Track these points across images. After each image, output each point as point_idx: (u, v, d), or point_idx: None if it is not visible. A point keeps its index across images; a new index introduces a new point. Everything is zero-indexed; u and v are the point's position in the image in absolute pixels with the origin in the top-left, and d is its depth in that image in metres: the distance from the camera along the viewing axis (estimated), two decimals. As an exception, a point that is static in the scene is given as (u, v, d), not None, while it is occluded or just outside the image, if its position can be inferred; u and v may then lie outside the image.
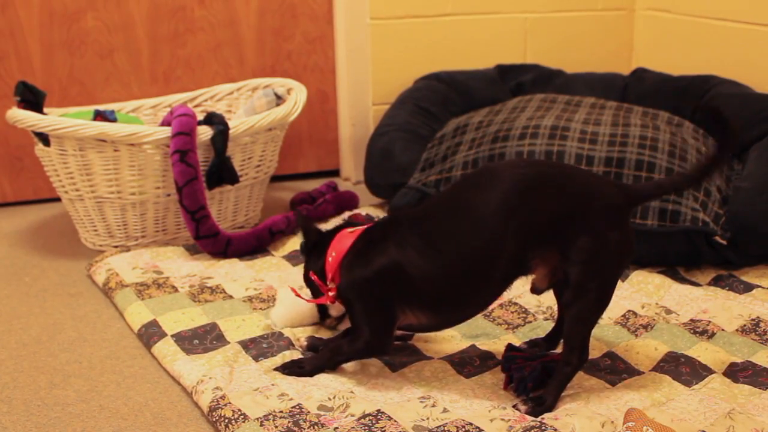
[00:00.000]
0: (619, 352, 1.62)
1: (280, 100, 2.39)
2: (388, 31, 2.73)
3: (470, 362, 1.59)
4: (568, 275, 1.39)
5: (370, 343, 1.50)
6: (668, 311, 1.78)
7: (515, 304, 1.82)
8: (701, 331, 1.69)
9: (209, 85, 2.65)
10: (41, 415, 1.49)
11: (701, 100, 2.43)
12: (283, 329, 1.72)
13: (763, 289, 1.87)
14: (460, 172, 2.21)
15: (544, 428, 1.32)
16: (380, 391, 1.48)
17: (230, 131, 2.16)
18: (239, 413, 1.39)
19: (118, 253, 2.12)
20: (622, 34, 3.02)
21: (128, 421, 1.47)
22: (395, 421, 1.38)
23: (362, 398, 1.45)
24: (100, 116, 2.26)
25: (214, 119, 2.18)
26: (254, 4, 2.69)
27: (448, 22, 2.79)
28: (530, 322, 1.75)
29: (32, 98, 2.16)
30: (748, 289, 1.88)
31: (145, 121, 2.45)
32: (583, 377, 1.52)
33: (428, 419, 1.39)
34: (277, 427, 1.36)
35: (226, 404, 1.42)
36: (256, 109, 2.37)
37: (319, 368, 1.54)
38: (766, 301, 1.80)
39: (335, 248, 1.54)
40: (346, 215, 2.37)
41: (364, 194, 2.54)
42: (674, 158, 2.08)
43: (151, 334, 1.72)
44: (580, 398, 1.44)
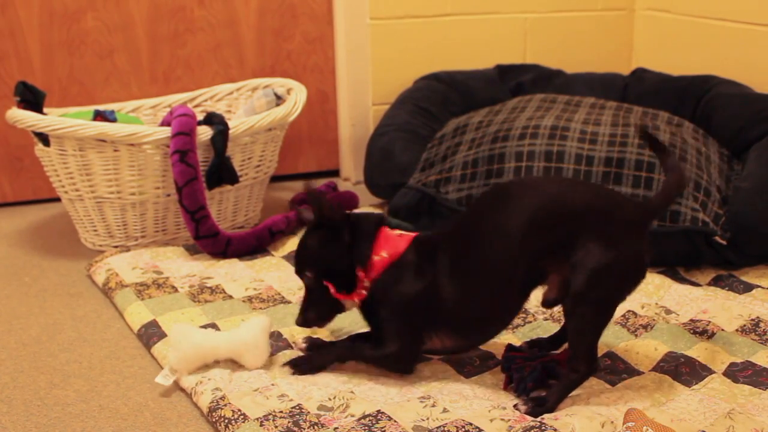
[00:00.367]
0: (619, 352, 1.62)
1: (279, 100, 2.39)
2: (387, 31, 2.73)
3: (470, 362, 1.59)
4: (571, 283, 1.39)
5: (398, 356, 1.51)
6: (668, 311, 1.78)
7: (515, 304, 1.82)
8: (701, 331, 1.69)
9: (209, 85, 2.65)
10: (41, 415, 1.49)
11: (700, 106, 2.43)
12: (186, 374, 1.54)
13: (762, 289, 1.87)
14: (459, 172, 2.21)
15: (543, 428, 1.32)
16: (380, 391, 1.48)
17: (230, 131, 2.16)
18: (239, 413, 1.39)
19: (117, 253, 2.12)
20: (621, 34, 3.02)
21: (128, 421, 1.47)
22: (395, 421, 1.38)
23: (362, 398, 1.45)
24: (99, 116, 2.26)
25: (213, 119, 2.18)
26: (254, 4, 2.69)
27: (448, 22, 2.79)
28: (530, 322, 1.75)
29: (32, 98, 2.16)
30: (747, 289, 1.88)
31: (145, 121, 2.45)
32: (583, 377, 1.52)
33: (428, 419, 1.39)
34: (277, 427, 1.36)
35: (226, 405, 1.42)
36: (255, 109, 2.37)
37: (330, 362, 1.55)
38: (765, 301, 1.80)
39: (386, 249, 1.49)
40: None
41: (364, 194, 2.54)
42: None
43: (150, 334, 1.72)
44: (580, 398, 1.44)
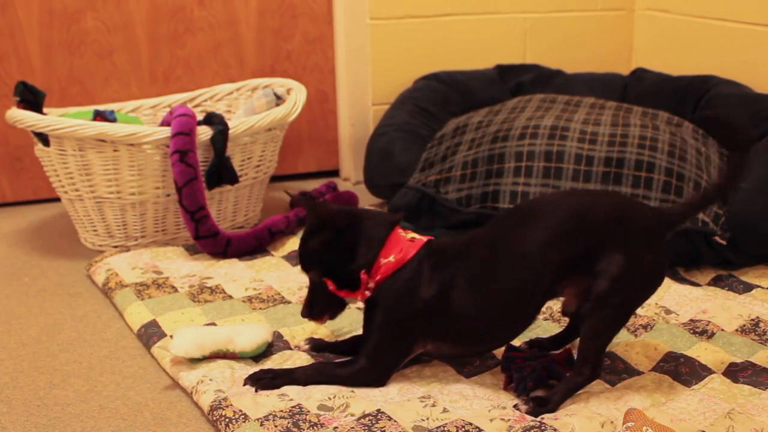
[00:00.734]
0: (618, 352, 1.62)
1: (279, 100, 2.39)
2: (387, 31, 2.73)
3: (470, 362, 1.59)
4: (592, 287, 1.39)
5: (368, 374, 1.49)
6: (668, 311, 1.78)
7: (515, 304, 1.82)
8: (701, 331, 1.69)
9: (209, 85, 2.65)
10: (41, 415, 1.49)
11: (699, 106, 2.43)
12: (201, 354, 1.57)
13: (762, 289, 1.87)
14: (459, 172, 2.21)
15: (543, 428, 1.32)
16: (380, 390, 1.48)
17: (230, 131, 2.16)
18: (240, 413, 1.39)
19: (117, 253, 2.12)
20: (621, 34, 3.03)
21: (128, 421, 1.46)
22: (395, 421, 1.38)
23: (362, 398, 1.45)
24: (99, 116, 2.26)
25: (213, 119, 2.18)
26: (254, 4, 2.69)
27: (447, 22, 2.79)
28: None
29: (32, 98, 2.16)
30: (747, 289, 1.87)
31: (144, 121, 2.45)
32: (582, 377, 1.52)
33: (428, 419, 1.39)
34: (276, 427, 1.36)
35: (227, 405, 1.42)
36: (255, 109, 2.37)
37: (294, 382, 1.48)
38: (765, 301, 1.80)
39: (394, 252, 1.46)
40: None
41: (363, 194, 2.54)
42: (674, 158, 2.08)
43: (150, 334, 1.72)
44: (579, 398, 1.44)
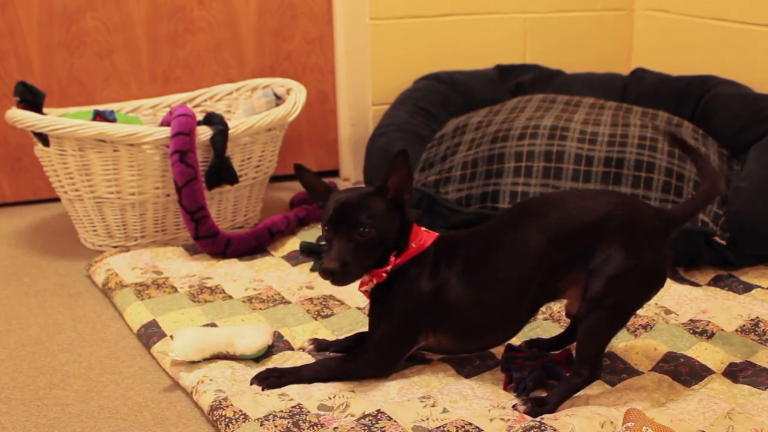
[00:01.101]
0: (618, 352, 1.62)
1: (279, 100, 2.39)
2: (387, 31, 2.73)
3: (470, 362, 1.59)
4: (587, 287, 1.39)
5: (375, 364, 1.51)
6: (668, 311, 1.78)
7: (515, 304, 1.82)
8: (701, 331, 1.69)
9: (209, 85, 2.65)
10: (40, 415, 1.49)
11: (699, 106, 2.43)
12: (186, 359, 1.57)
13: (762, 289, 1.87)
14: (459, 172, 2.21)
15: (543, 428, 1.32)
16: (380, 390, 1.48)
17: (230, 131, 2.16)
18: (240, 413, 1.39)
19: (117, 253, 2.12)
20: (621, 34, 3.02)
21: (128, 421, 1.46)
22: (395, 421, 1.38)
23: (362, 398, 1.45)
24: (99, 116, 2.26)
25: (213, 119, 2.18)
26: (254, 4, 2.69)
27: (447, 22, 2.79)
28: (530, 321, 1.75)
29: (31, 98, 2.16)
30: (747, 289, 1.87)
31: (144, 121, 2.45)
32: (582, 377, 1.52)
33: (428, 419, 1.39)
34: (276, 427, 1.36)
35: (228, 405, 1.41)
36: (255, 109, 2.37)
37: (301, 380, 1.50)
38: (765, 301, 1.79)
39: (415, 240, 1.49)
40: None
41: (363, 194, 2.54)
42: (674, 158, 2.08)
43: (150, 334, 1.72)
44: (579, 398, 1.44)
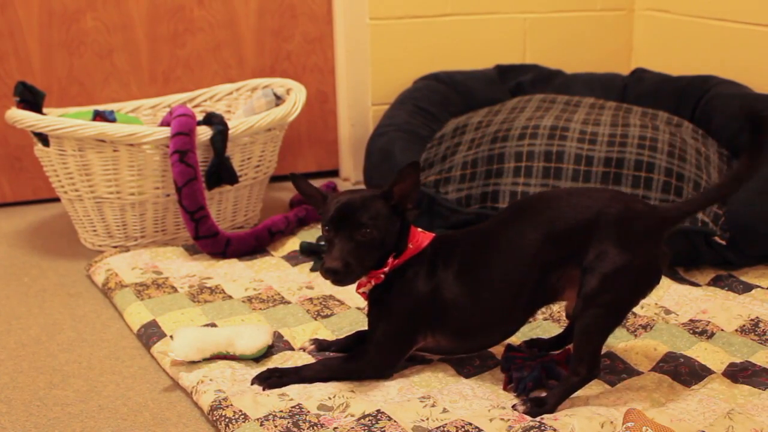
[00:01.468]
0: (618, 352, 1.62)
1: (279, 100, 2.39)
2: (387, 31, 2.73)
3: (470, 362, 1.59)
4: (582, 284, 1.39)
5: (376, 365, 1.51)
6: (667, 311, 1.78)
7: (515, 304, 1.82)
8: (700, 331, 1.69)
9: (208, 85, 2.65)
10: (40, 415, 1.49)
11: (698, 106, 2.43)
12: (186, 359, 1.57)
13: (762, 289, 1.87)
14: (459, 172, 2.21)
15: (543, 428, 1.32)
16: (380, 391, 1.48)
17: (229, 131, 2.16)
18: (240, 413, 1.39)
19: (117, 253, 2.12)
20: (621, 34, 3.02)
21: (127, 421, 1.46)
22: (395, 421, 1.38)
23: (362, 398, 1.45)
24: (99, 116, 2.26)
25: (213, 119, 2.18)
26: (253, 4, 2.69)
27: (447, 22, 2.79)
28: (530, 322, 1.75)
29: (31, 98, 2.16)
30: (747, 289, 1.87)
31: (144, 121, 2.45)
32: (582, 377, 1.52)
33: (428, 419, 1.39)
34: (276, 427, 1.36)
35: (228, 405, 1.42)
36: (255, 109, 2.37)
37: (302, 380, 1.50)
38: (765, 301, 1.79)
39: (413, 241, 1.49)
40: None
41: (363, 194, 2.54)
42: (673, 158, 2.08)
43: (150, 334, 1.72)
44: (579, 398, 1.44)
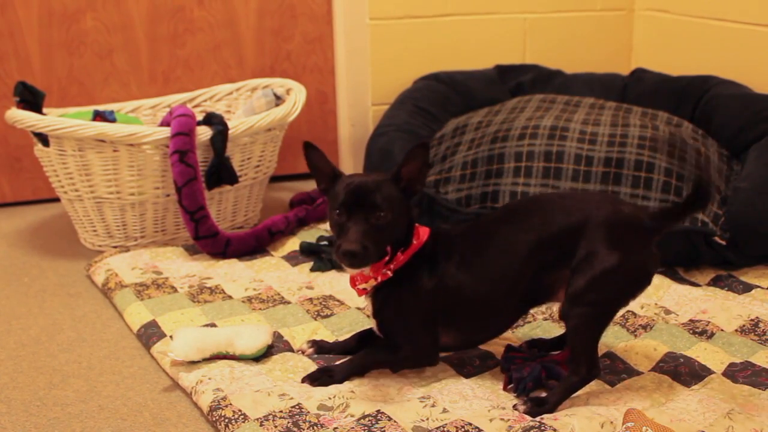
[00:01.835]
0: (618, 352, 1.62)
1: (279, 100, 2.39)
2: (387, 31, 2.73)
3: (470, 362, 1.59)
4: (569, 284, 1.39)
5: (416, 357, 1.53)
6: (667, 311, 1.78)
7: (515, 304, 1.82)
8: (700, 331, 1.69)
9: (208, 85, 2.65)
10: (40, 415, 1.49)
11: (699, 106, 2.43)
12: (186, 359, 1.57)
13: (762, 289, 1.87)
14: (459, 172, 2.21)
15: (543, 428, 1.32)
16: (380, 391, 1.48)
17: (229, 131, 2.16)
18: (239, 413, 1.39)
19: (117, 253, 2.12)
20: (621, 34, 3.02)
21: (127, 421, 1.46)
22: (395, 421, 1.38)
23: (362, 398, 1.45)
24: (99, 116, 2.26)
25: (213, 119, 2.18)
26: (253, 4, 2.69)
27: (447, 22, 2.79)
28: (530, 322, 1.75)
29: (31, 98, 2.16)
30: (747, 289, 1.87)
31: (144, 121, 2.45)
32: (582, 377, 1.52)
33: (428, 419, 1.39)
34: (276, 427, 1.36)
35: (227, 405, 1.42)
36: (255, 109, 2.37)
37: (349, 376, 1.52)
38: (765, 301, 1.80)
39: (415, 236, 1.50)
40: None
41: (363, 194, 2.53)
42: (673, 158, 2.08)
43: (150, 334, 1.72)
44: (579, 398, 1.44)
